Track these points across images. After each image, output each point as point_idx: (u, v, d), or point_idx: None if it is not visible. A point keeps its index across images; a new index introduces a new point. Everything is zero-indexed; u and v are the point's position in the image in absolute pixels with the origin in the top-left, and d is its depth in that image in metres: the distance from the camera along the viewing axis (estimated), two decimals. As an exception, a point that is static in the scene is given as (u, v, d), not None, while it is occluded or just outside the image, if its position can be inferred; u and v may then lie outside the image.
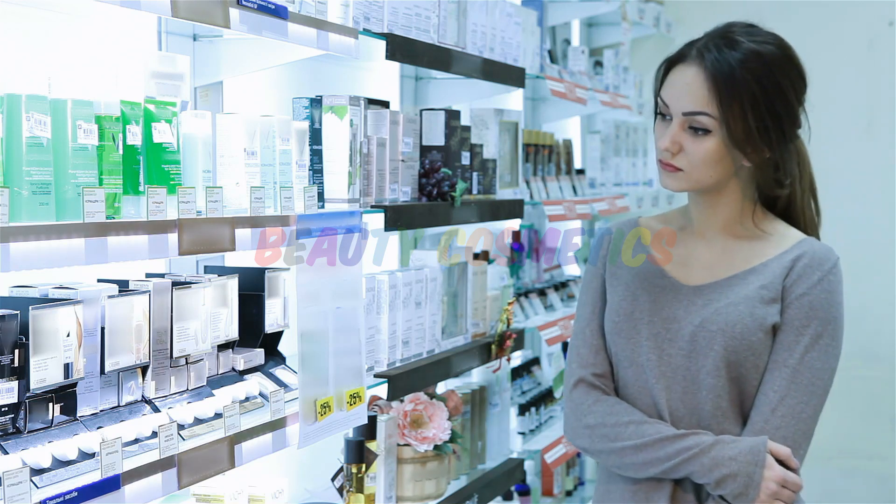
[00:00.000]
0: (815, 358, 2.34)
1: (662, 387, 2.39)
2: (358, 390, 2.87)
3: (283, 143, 2.63)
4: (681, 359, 2.38)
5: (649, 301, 2.43)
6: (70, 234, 1.96)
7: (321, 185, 2.84)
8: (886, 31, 5.95)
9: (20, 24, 2.38)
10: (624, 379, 2.45)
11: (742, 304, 2.36)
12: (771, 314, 2.35)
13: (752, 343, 2.34)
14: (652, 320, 2.41)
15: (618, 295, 2.46)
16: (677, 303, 2.41)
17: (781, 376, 2.34)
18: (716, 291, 2.40)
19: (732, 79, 2.30)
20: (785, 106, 2.34)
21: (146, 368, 2.35)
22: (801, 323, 2.35)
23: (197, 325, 2.46)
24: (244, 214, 2.45)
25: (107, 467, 2.05)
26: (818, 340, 2.35)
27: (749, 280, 2.39)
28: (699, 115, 2.33)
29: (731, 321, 2.35)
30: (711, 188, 2.40)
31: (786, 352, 2.34)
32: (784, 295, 2.36)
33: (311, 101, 2.85)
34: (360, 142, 3.00)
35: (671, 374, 2.38)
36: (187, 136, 2.38)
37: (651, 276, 2.45)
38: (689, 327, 2.38)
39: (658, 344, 2.40)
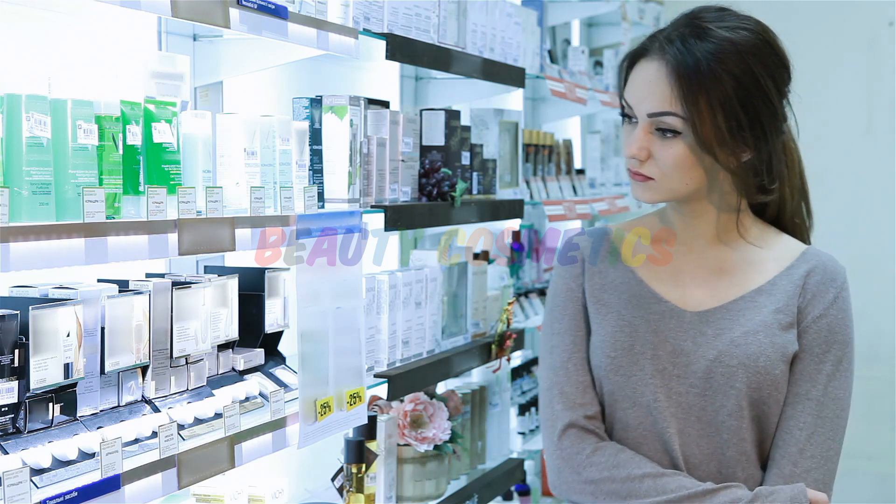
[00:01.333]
0: (838, 387, 2.12)
1: (675, 430, 2.10)
2: (358, 390, 2.87)
3: (283, 143, 2.63)
4: (694, 398, 2.10)
5: (650, 332, 2.12)
6: (70, 234, 1.96)
7: (321, 185, 2.84)
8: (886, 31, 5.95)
9: (20, 24, 2.38)
10: (623, 421, 2.13)
11: (761, 332, 2.10)
12: (790, 342, 2.11)
13: (776, 377, 2.09)
14: (656, 354, 2.11)
15: (610, 325, 2.15)
16: (682, 332, 2.12)
17: (806, 411, 2.09)
18: (725, 318, 2.12)
19: (698, 72, 2.02)
20: (763, 100, 2.06)
21: (146, 368, 2.35)
22: (822, 349, 2.11)
23: (197, 325, 2.46)
24: (244, 214, 2.45)
25: (107, 467, 2.05)
26: (839, 366, 2.12)
27: (760, 303, 2.13)
28: (665, 116, 2.05)
29: (752, 354, 2.08)
30: (691, 196, 2.13)
31: (808, 382, 2.10)
32: (800, 318, 2.12)
33: (311, 101, 2.85)
34: (360, 142, 3.00)
35: (683, 416, 2.10)
36: (187, 136, 2.38)
37: (645, 302, 2.15)
38: (701, 362, 2.10)
39: (665, 381, 2.11)
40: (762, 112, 2.06)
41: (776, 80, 2.08)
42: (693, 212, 2.16)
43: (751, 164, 2.11)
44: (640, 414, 2.11)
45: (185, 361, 2.46)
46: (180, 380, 2.45)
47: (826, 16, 5.97)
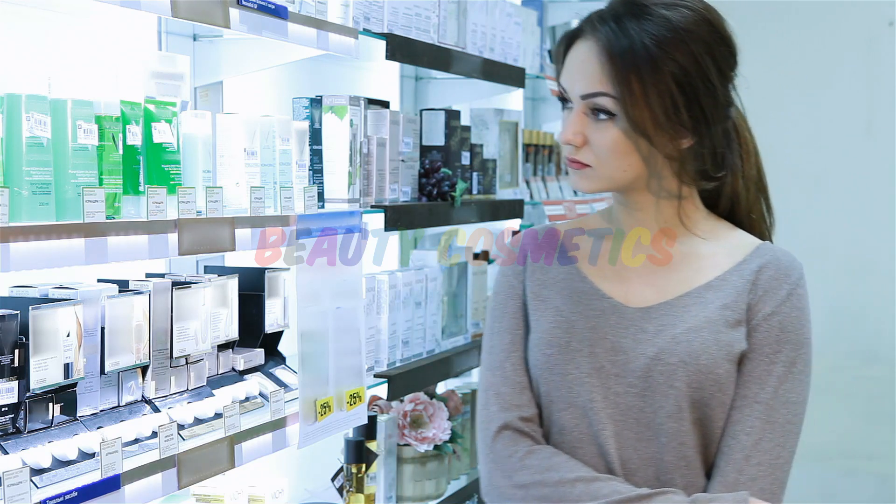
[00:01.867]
0: (790, 389, 1.95)
1: (611, 433, 1.95)
2: (358, 390, 2.87)
3: (283, 143, 2.63)
4: (632, 398, 1.95)
5: (588, 328, 1.98)
6: (70, 234, 1.96)
7: (321, 185, 2.84)
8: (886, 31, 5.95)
9: (20, 24, 2.38)
10: (559, 424, 1.99)
11: (705, 328, 1.94)
12: (737, 339, 1.94)
13: (719, 376, 1.93)
14: (593, 352, 1.97)
15: (547, 321, 2.01)
16: (622, 329, 1.97)
17: (754, 415, 1.93)
18: (669, 314, 1.97)
19: (630, 50, 1.89)
20: (703, 82, 1.91)
21: (146, 368, 2.35)
22: (773, 349, 1.95)
23: (197, 325, 2.46)
24: (244, 214, 2.45)
25: (107, 467, 2.05)
26: (791, 368, 1.95)
27: (707, 298, 1.97)
28: (597, 97, 1.91)
29: (693, 351, 1.92)
30: (632, 186, 1.98)
31: (756, 385, 1.94)
32: (749, 315, 1.96)
33: (311, 101, 2.85)
34: (360, 142, 3.00)
35: (621, 418, 1.95)
36: (187, 136, 2.38)
37: (586, 297, 2.00)
38: (640, 360, 1.95)
39: (602, 381, 1.95)
40: (702, 95, 1.92)
41: (718, 62, 1.93)
42: (636, 203, 2.01)
43: (693, 151, 1.96)
44: (576, 415, 1.97)
45: (185, 361, 2.46)
46: (180, 380, 2.45)
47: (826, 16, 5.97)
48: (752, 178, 2.06)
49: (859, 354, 5.75)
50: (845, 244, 5.71)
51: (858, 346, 5.72)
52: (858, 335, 5.70)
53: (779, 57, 5.68)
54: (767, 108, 5.79)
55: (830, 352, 5.59)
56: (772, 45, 5.66)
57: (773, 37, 5.67)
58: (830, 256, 5.66)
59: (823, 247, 5.66)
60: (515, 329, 2.04)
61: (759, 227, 2.07)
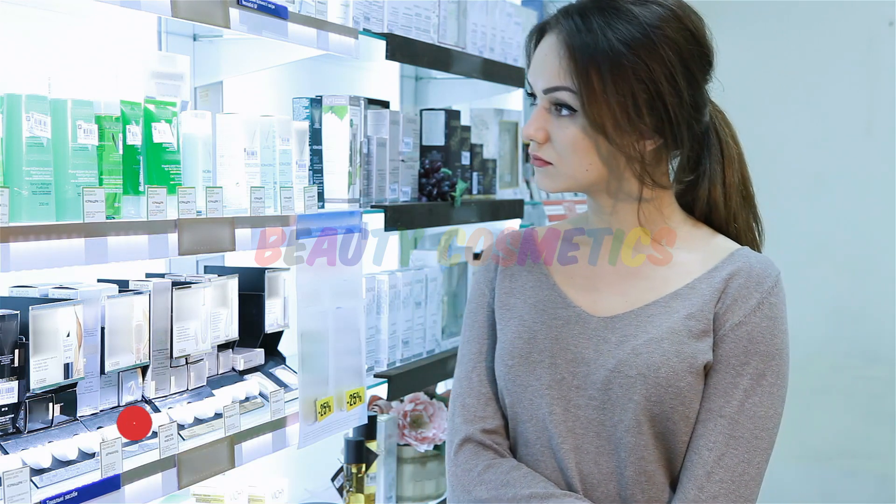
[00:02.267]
0: (758, 403, 1.86)
1: (570, 447, 1.88)
2: (358, 390, 2.87)
3: (283, 143, 2.63)
4: (592, 411, 1.87)
5: (550, 338, 1.91)
6: (70, 234, 1.96)
7: (321, 185, 2.84)
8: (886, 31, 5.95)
9: (20, 24, 2.38)
10: (523, 437, 1.92)
11: (666, 339, 1.85)
12: (702, 351, 1.85)
13: (681, 389, 1.84)
14: (554, 363, 1.89)
15: (510, 331, 1.94)
16: (585, 339, 1.90)
17: (717, 429, 1.85)
18: (632, 324, 1.88)
19: (592, 45, 1.82)
20: (669, 82, 1.83)
21: (146, 368, 2.35)
22: (739, 361, 1.86)
23: (197, 325, 2.46)
24: (244, 214, 2.45)
25: (107, 467, 2.05)
26: (760, 381, 1.86)
27: (673, 307, 1.88)
28: (558, 91, 1.85)
29: (653, 363, 1.84)
30: (597, 187, 1.90)
31: (721, 398, 1.85)
32: (716, 325, 1.87)
33: (311, 101, 2.85)
34: (360, 142, 3.00)
35: (581, 431, 1.87)
36: (187, 136, 2.38)
37: (551, 306, 1.93)
38: (600, 371, 1.87)
39: (563, 393, 1.88)
40: (666, 95, 1.83)
41: (687, 62, 1.85)
42: (607, 206, 1.93)
43: (658, 153, 1.89)
44: (537, 428, 1.90)
45: (185, 361, 2.46)
46: (180, 380, 2.45)
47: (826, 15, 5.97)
48: (734, 186, 1.97)
49: (859, 354, 5.74)
50: (845, 244, 5.71)
51: (858, 346, 5.72)
52: (858, 335, 5.70)
53: (779, 57, 5.68)
54: (767, 108, 5.79)
55: (830, 352, 5.60)
56: (772, 45, 5.66)
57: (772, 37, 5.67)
58: (830, 256, 5.66)
59: (823, 247, 5.66)
60: (483, 338, 1.99)
61: (744, 236, 1.98)
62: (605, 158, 1.86)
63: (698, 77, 1.88)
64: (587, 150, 1.86)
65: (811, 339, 5.45)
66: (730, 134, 1.98)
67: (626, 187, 1.90)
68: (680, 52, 1.85)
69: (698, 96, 1.88)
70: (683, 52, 1.85)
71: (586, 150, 1.86)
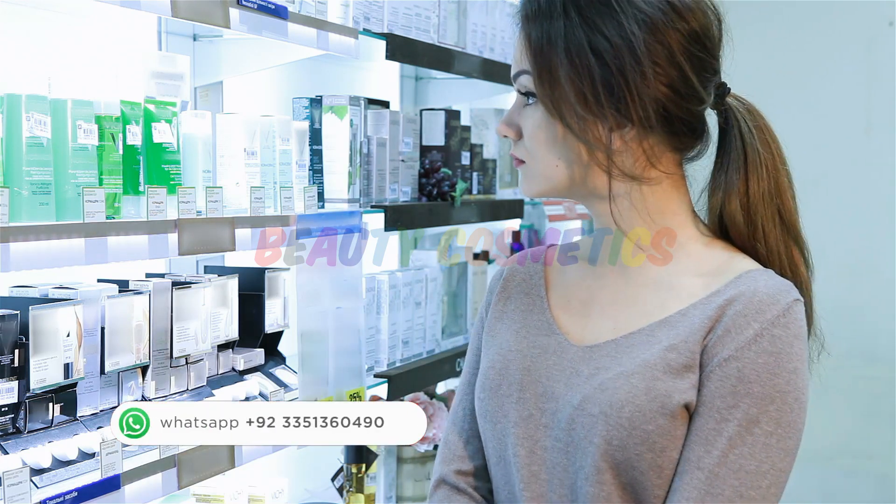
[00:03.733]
0: (746, 455, 1.54)
1: (532, 495, 1.62)
2: (358, 390, 2.87)
3: (283, 143, 2.63)
4: (558, 454, 1.61)
5: (522, 369, 1.66)
6: (70, 234, 1.96)
7: (321, 185, 2.84)
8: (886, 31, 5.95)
9: (20, 24, 2.38)
10: (495, 480, 1.69)
11: (637, 374, 1.56)
12: (679, 389, 1.56)
13: (649, 433, 1.54)
14: (522, 397, 1.65)
15: (487, 359, 1.71)
16: (558, 371, 1.64)
17: (693, 484, 1.54)
18: (610, 355, 1.61)
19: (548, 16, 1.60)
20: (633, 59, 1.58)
21: (146, 368, 2.35)
22: (726, 403, 1.55)
23: (197, 325, 2.46)
24: (244, 214, 2.45)
25: (107, 467, 2.05)
26: (751, 429, 1.54)
27: (656, 337, 1.60)
28: (521, 76, 1.64)
29: (617, 401, 1.56)
30: (578, 190, 1.65)
31: (702, 447, 1.55)
32: (704, 360, 1.57)
33: (311, 101, 2.85)
34: (360, 142, 3.00)
35: (546, 477, 1.62)
36: (187, 136, 2.38)
37: (534, 332, 1.69)
38: (567, 409, 1.60)
39: (530, 432, 1.63)
40: (629, 74, 1.57)
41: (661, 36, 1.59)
42: (595, 213, 1.69)
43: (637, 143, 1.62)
44: (504, 472, 1.67)
45: (185, 361, 2.46)
46: (180, 380, 2.45)
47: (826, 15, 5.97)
48: (761, 199, 1.66)
49: (859, 354, 5.75)
50: (845, 244, 5.71)
51: (858, 346, 5.72)
52: (858, 335, 5.70)
53: (778, 56, 5.68)
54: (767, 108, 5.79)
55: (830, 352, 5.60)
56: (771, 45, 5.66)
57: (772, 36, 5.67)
58: (830, 256, 5.66)
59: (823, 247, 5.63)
60: (474, 369, 1.76)
61: (777, 262, 1.66)
62: (569, 150, 1.62)
63: (679, 56, 1.60)
64: (550, 141, 1.62)
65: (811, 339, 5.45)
66: (761, 139, 1.69)
67: (591, 182, 1.64)
68: (651, 23, 1.58)
69: (683, 80, 1.60)
70: (657, 24, 1.58)
71: (549, 140, 1.62)
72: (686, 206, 1.68)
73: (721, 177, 1.67)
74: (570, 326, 1.68)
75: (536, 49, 1.60)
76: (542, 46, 1.60)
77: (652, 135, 1.62)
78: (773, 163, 1.69)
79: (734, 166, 1.67)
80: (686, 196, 1.69)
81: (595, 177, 1.63)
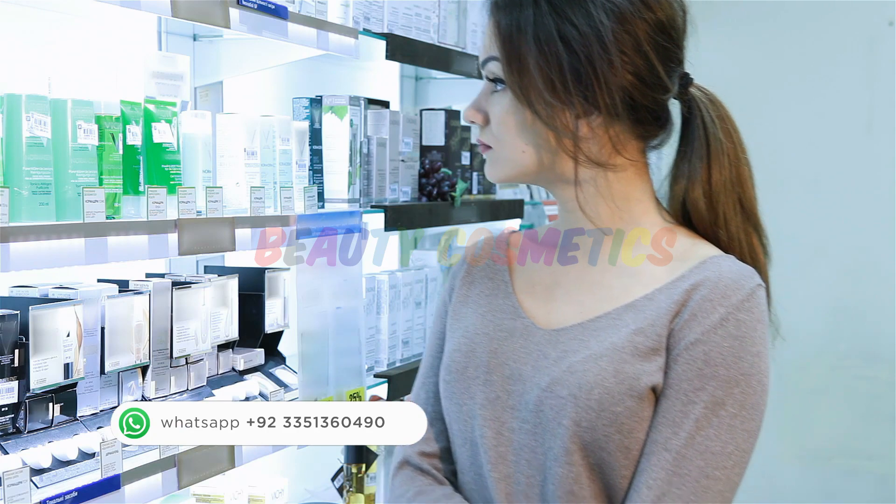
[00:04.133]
0: (712, 437, 1.58)
1: (500, 476, 1.65)
2: (358, 390, 2.87)
3: (283, 143, 2.63)
4: (525, 436, 1.64)
5: (488, 352, 1.69)
6: (70, 234, 1.96)
7: (321, 185, 2.84)
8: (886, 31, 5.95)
9: (20, 24, 2.38)
10: (459, 462, 1.72)
11: (605, 357, 1.60)
12: (647, 372, 1.59)
13: (617, 415, 1.58)
14: (489, 379, 1.67)
15: (453, 342, 1.74)
16: (525, 355, 1.67)
17: (660, 465, 1.58)
18: (577, 339, 1.64)
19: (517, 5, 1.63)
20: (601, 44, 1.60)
21: (146, 368, 2.35)
22: (693, 385, 1.58)
23: (197, 325, 2.46)
24: (244, 214, 2.45)
25: (107, 467, 2.05)
26: (717, 411, 1.58)
27: (624, 321, 1.63)
28: (489, 62, 1.66)
29: (586, 383, 1.59)
30: (544, 175, 1.68)
31: (669, 428, 1.58)
32: (671, 343, 1.60)
33: (311, 101, 2.85)
34: (360, 142, 3.00)
35: (513, 459, 1.65)
36: (187, 136, 2.38)
37: (500, 316, 1.72)
38: (534, 391, 1.63)
39: (497, 414, 1.66)
40: (597, 60, 1.60)
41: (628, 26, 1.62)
42: (570, 201, 1.71)
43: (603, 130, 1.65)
44: (470, 453, 1.69)
45: (185, 361, 2.46)
46: (180, 380, 2.45)
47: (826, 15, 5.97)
48: (723, 187, 1.70)
49: (859, 354, 5.75)
50: (845, 244, 5.71)
51: (858, 346, 5.72)
52: (858, 335, 5.70)
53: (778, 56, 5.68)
54: (767, 108, 5.79)
55: (830, 352, 5.60)
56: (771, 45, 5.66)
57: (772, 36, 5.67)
58: (830, 256, 5.66)
59: (823, 247, 5.66)
60: (436, 351, 1.79)
61: (737, 247, 1.70)
62: (537, 136, 1.64)
63: (645, 45, 1.63)
64: (518, 127, 1.65)
65: (811, 339, 5.45)
66: (723, 129, 1.72)
67: (560, 167, 1.67)
68: (619, 12, 1.62)
69: (649, 69, 1.64)
70: (625, 13, 1.62)
71: (516, 126, 1.65)
72: (649, 194, 1.72)
73: (685, 165, 1.71)
74: (535, 310, 1.71)
75: (506, 36, 1.63)
76: (512, 34, 1.62)
77: (618, 122, 1.64)
78: (735, 152, 1.72)
79: (697, 155, 1.70)
80: (649, 183, 1.72)
81: (563, 162, 1.66)
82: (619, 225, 1.70)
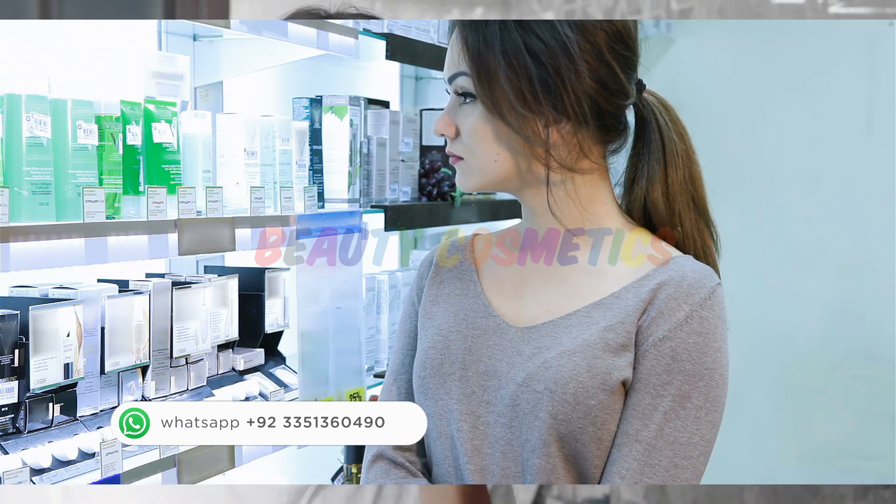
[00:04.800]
0: (680, 429, 1.67)
1: (476, 468, 1.73)
2: (358, 390, 2.87)
3: (283, 143, 2.63)
4: (501, 429, 1.72)
5: (463, 350, 1.77)
6: (70, 234, 1.96)
7: (321, 185, 2.84)
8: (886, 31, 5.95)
9: (20, 24, 2.38)
10: (434, 455, 1.79)
11: (579, 353, 1.68)
12: (618, 367, 1.68)
13: (591, 408, 1.67)
14: (465, 375, 1.75)
15: (427, 340, 1.81)
16: (500, 351, 1.75)
17: (632, 456, 1.67)
18: (550, 336, 1.73)
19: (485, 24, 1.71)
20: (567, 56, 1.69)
21: (146, 368, 2.35)
22: (661, 380, 1.67)
23: (197, 325, 2.46)
24: (244, 214, 2.45)
25: (107, 467, 2.05)
26: (684, 403, 1.67)
27: (593, 318, 1.72)
28: (457, 78, 1.74)
29: (561, 378, 1.67)
30: (515, 183, 1.77)
31: (639, 421, 1.67)
32: (639, 340, 1.69)
33: (311, 101, 2.85)
34: (360, 142, 3.00)
35: (488, 451, 1.73)
36: (187, 136, 2.38)
37: (471, 315, 1.80)
38: (510, 386, 1.72)
39: (472, 408, 1.74)
40: (564, 72, 1.69)
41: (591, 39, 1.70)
42: (536, 206, 1.81)
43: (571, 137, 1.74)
44: (445, 447, 1.76)
45: (185, 361, 2.46)
46: (180, 380, 2.45)
47: (826, 16, 5.97)
48: (679, 187, 1.80)
49: (859, 354, 5.74)
50: (845, 244, 5.71)
51: (858, 346, 5.71)
52: (858, 335, 5.69)
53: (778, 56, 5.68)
54: (766, 108, 5.79)
55: (830, 352, 5.60)
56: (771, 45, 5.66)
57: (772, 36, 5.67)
58: (830, 256, 5.66)
59: (823, 247, 5.66)
60: (407, 349, 1.86)
61: (691, 242, 1.80)
62: (509, 145, 1.73)
63: (607, 55, 1.71)
64: (490, 138, 1.73)
65: (811, 339, 5.45)
66: (676, 131, 1.81)
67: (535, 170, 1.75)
68: (581, 24, 1.71)
69: (611, 77, 1.72)
70: (586, 25, 1.71)
71: (488, 137, 1.73)
72: (611, 196, 1.81)
73: (643, 168, 1.80)
74: (504, 309, 1.79)
75: (474, 52, 1.70)
76: (480, 49, 1.70)
77: (585, 128, 1.73)
78: (687, 153, 1.81)
79: (654, 157, 1.80)
80: (610, 186, 1.81)
81: (536, 168, 1.75)
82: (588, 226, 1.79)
